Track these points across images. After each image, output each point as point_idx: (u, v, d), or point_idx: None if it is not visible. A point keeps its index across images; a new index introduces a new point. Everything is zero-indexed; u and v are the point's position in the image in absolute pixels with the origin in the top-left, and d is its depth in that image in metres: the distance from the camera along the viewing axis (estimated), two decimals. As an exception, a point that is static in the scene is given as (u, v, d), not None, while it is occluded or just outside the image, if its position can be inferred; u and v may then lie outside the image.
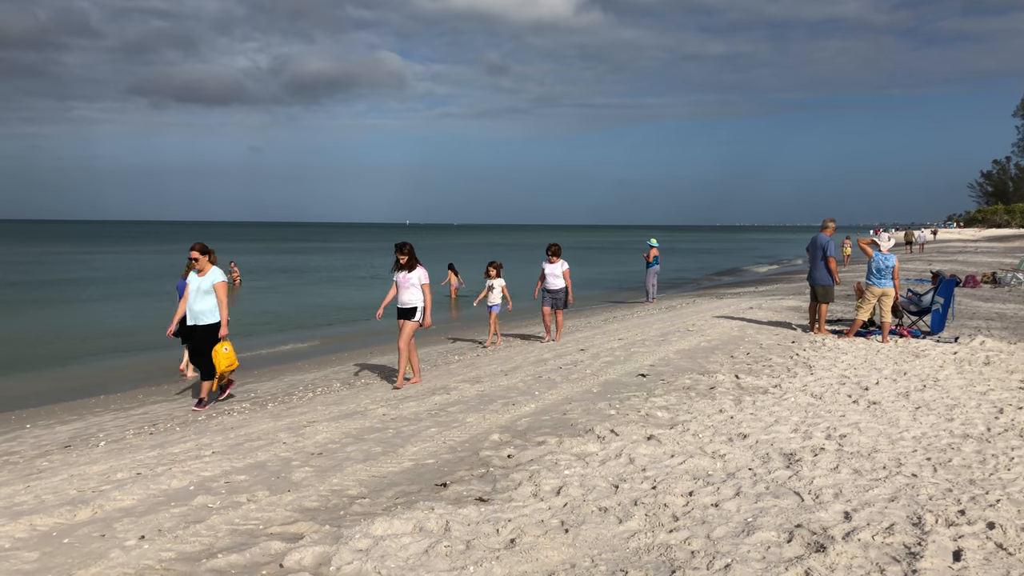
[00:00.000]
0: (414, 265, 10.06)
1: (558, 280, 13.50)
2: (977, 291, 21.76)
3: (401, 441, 7.03)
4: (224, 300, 9.49)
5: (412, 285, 10.02)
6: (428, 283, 10.05)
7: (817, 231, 14.01)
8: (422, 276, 10.05)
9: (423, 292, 10.02)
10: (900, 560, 4.21)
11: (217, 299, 9.46)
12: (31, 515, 5.20)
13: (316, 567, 4.28)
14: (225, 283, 9.55)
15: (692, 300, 23.03)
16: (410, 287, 10.03)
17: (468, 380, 10.14)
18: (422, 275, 10.05)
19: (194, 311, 9.49)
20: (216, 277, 9.47)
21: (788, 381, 9.34)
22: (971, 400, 8.17)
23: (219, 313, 9.47)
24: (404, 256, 10.05)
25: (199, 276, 9.49)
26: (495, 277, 14.24)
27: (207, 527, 4.91)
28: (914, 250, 51.92)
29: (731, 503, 5.13)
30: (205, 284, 9.46)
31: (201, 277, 9.49)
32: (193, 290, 9.47)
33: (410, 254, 10.08)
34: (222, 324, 9.48)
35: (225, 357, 9.45)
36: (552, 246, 13.73)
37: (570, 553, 4.40)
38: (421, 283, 10.01)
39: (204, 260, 9.47)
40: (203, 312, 9.46)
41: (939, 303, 13.33)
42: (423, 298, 10.02)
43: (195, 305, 9.47)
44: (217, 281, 9.47)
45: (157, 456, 6.88)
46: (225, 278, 9.59)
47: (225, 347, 9.47)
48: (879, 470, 5.83)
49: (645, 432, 7.00)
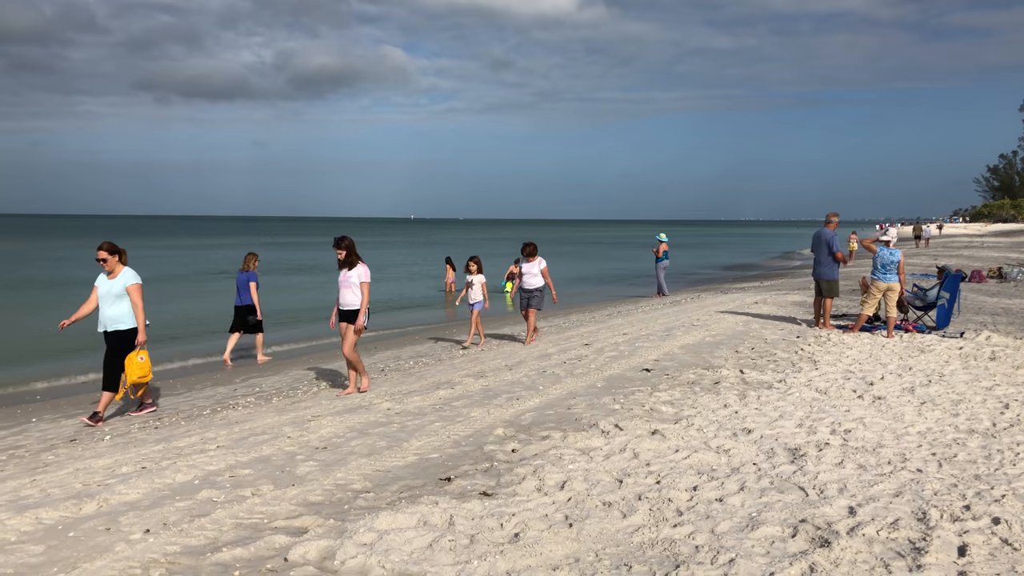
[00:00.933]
0: (354, 262, 9.19)
1: (536, 279, 13.24)
2: (983, 286, 21.68)
3: (405, 435, 7.04)
4: (140, 304, 8.63)
5: (352, 284, 9.20)
6: (368, 282, 9.22)
7: (821, 226, 13.99)
8: (362, 274, 9.19)
9: (362, 292, 9.18)
10: (905, 555, 4.21)
11: (132, 303, 8.60)
12: (37, 508, 5.22)
13: (320, 561, 4.29)
14: (140, 285, 8.69)
15: (697, 295, 23.00)
16: (350, 286, 9.21)
17: (472, 375, 10.14)
18: (362, 273, 9.19)
19: (106, 317, 8.59)
20: (129, 279, 8.62)
21: (793, 376, 9.33)
22: (976, 395, 8.15)
23: (135, 318, 8.61)
24: (342, 252, 9.16)
25: (109, 279, 8.62)
26: (475, 273, 13.62)
27: (212, 521, 4.93)
28: (921, 244, 51.77)
29: (735, 498, 5.13)
30: (117, 287, 8.58)
31: (112, 280, 8.60)
32: (103, 294, 8.59)
33: (349, 249, 9.17)
34: (139, 330, 8.62)
35: (139, 367, 8.56)
36: (527, 246, 13.36)
37: (574, 547, 4.40)
38: (360, 281, 9.19)
39: (114, 261, 8.64)
40: (116, 318, 8.57)
41: (945, 298, 13.29)
42: (368, 298, 9.23)
43: (107, 310, 8.57)
44: (130, 283, 8.61)
45: (162, 450, 6.91)
46: (139, 279, 8.74)
47: (140, 356, 8.61)
48: (884, 465, 5.82)
49: (649, 427, 7.00)
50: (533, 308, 13.26)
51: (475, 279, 13.58)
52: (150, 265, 42.23)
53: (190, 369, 13.23)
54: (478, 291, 13.54)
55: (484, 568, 4.12)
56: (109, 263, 8.63)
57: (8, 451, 7.65)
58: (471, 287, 13.56)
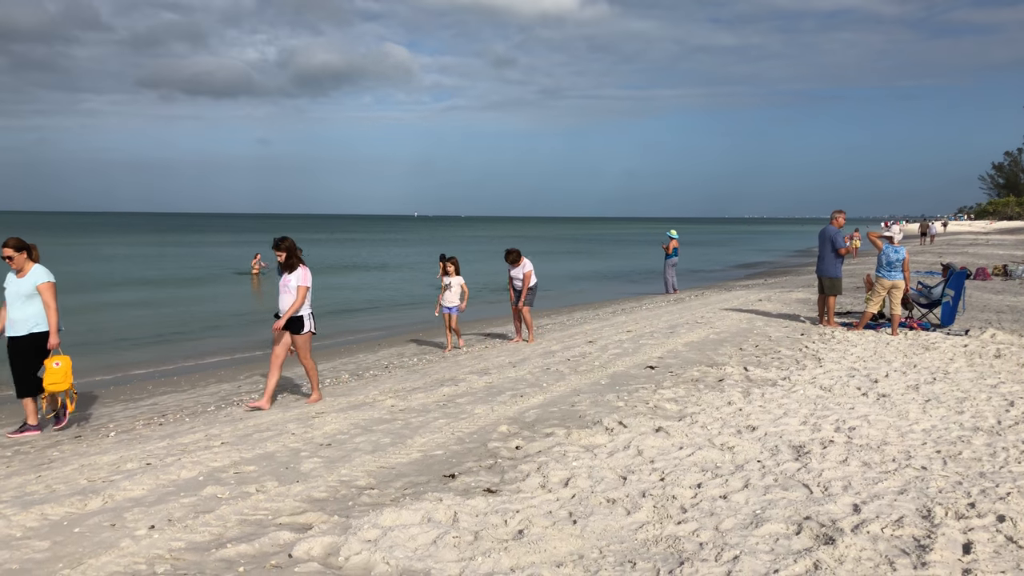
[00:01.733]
0: (295, 264, 8.57)
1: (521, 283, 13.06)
2: (988, 284, 21.64)
3: (409, 432, 7.04)
4: (53, 304, 7.98)
5: (291, 289, 8.55)
6: (307, 286, 8.57)
7: (826, 223, 13.97)
8: (301, 277, 8.56)
9: (297, 295, 8.48)
10: (909, 553, 4.20)
11: (44, 303, 7.96)
12: (42, 504, 5.23)
13: (325, 557, 4.29)
14: (52, 284, 8.02)
15: (701, 292, 22.98)
16: (290, 291, 8.56)
17: (476, 372, 10.14)
18: (301, 276, 8.56)
19: (13, 319, 7.93)
20: (40, 277, 7.96)
21: (797, 373, 9.31)
22: (981, 393, 8.13)
23: (47, 320, 7.98)
24: (282, 254, 8.53)
25: (18, 277, 7.97)
26: (453, 274, 12.84)
27: (217, 517, 4.94)
28: (926, 242, 51.70)
29: (740, 495, 5.12)
30: (26, 287, 7.93)
31: (20, 278, 7.96)
32: (11, 294, 7.95)
33: (289, 252, 8.53)
34: (52, 332, 7.98)
35: (52, 374, 7.91)
36: (510, 253, 13.06)
37: (578, 544, 4.40)
38: (298, 285, 8.51)
39: (22, 258, 7.97)
40: (24, 320, 7.92)
41: (949, 296, 13.27)
42: (302, 303, 8.53)
43: (14, 312, 7.92)
44: (41, 282, 7.94)
45: (167, 447, 6.92)
46: (51, 277, 8.06)
47: (57, 361, 7.98)
48: (888, 463, 5.81)
49: (653, 424, 7.00)
50: (526, 307, 13.11)
51: (453, 280, 12.86)
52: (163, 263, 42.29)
53: (193, 367, 13.25)
54: (455, 294, 12.82)
55: (488, 565, 4.13)
56: (16, 260, 7.96)
57: (13, 447, 7.67)
58: (448, 289, 12.86)
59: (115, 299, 24.13)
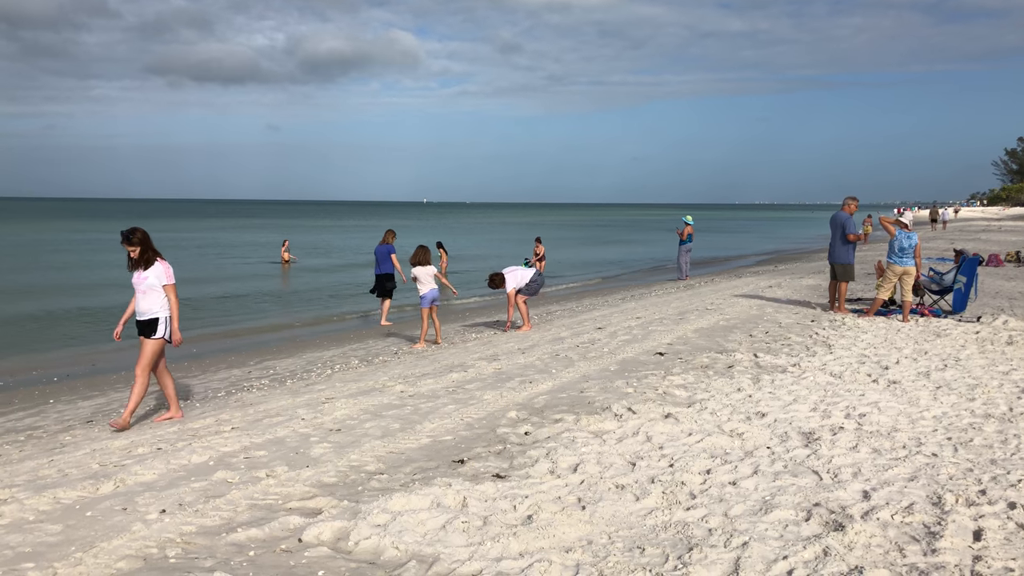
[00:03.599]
0: (151, 260, 7.32)
1: None
2: (1000, 270, 21.49)
3: (419, 418, 7.06)
4: None
5: (150, 288, 7.33)
6: (173, 284, 7.41)
7: (837, 209, 13.87)
8: (162, 275, 7.34)
9: (168, 297, 7.37)
10: (919, 539, 4.19)
11: None
12: (55, 488, 5.27)
13: (335, 542, 4.32)
14: None
15: (711, 279, 22.92)
16: (147, 291, 7.33)
17: (485, 358, 10.15)
18: (162, 273, 7.34)
19: None
20: None
21: (807, 360, 9.28)
22: (993, 380, 8.08)
23: None
24: (134, 249, 7.24)
25: None
26: (421, 264, 12.04)
27: (227, 502, 4.96)
28: (937, 228, 51.36)
29: (749, 481, 5.12)
30: None
31: None
32: None
33: (143, 244, 7.26)
34: None
35: None
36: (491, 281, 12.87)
37: (587, 530, 4.41)
38: (162, 284, 7.36)
39: None
40: None
41: (961, 282, 13.18)
42: (166, 306, 7.37)
43: None
44: None
45: (177, 431, 6.96)
46: None
47: None
48: (899, 449, 5.79)
49: (663, 410, 6.99)
50: (524, 295, 13.04)
51: (418, 272, 12.07)
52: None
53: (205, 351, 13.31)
54: (427, 284, 12.04)
55: (497, 549, 4.14)
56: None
57: (27, 432, 7.74)
58: (417, 281, 12.10)
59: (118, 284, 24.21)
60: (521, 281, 12.88)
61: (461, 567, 3.97)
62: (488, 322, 14.88)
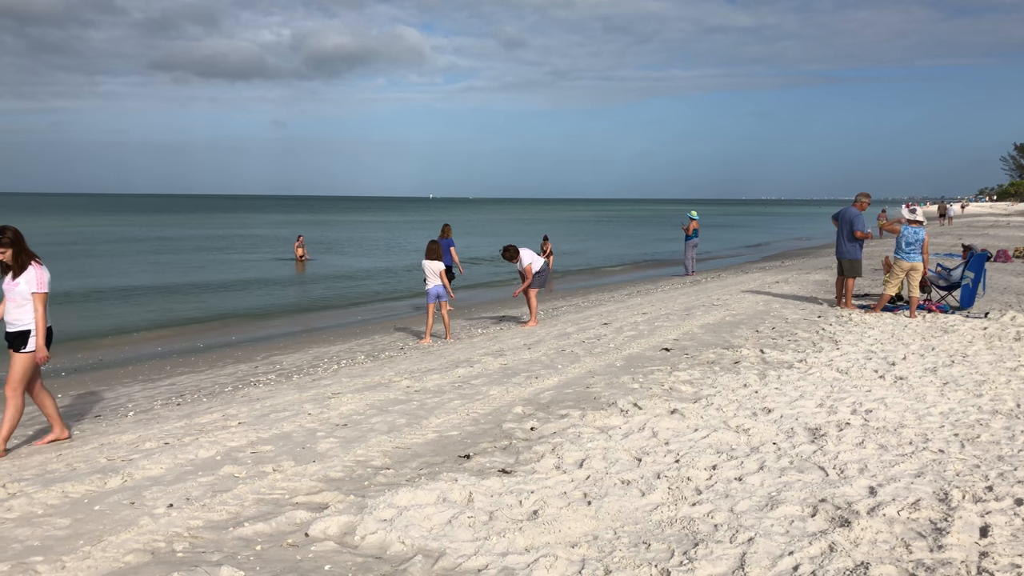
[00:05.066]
0: (24, 263, 6.47)
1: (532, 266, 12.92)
2: (1008, 266, 21.39)
3: (425, 413, 7.07)
4: None
5: (21, 296, 6.46)
6: (43, 292, 6.48)
7: (845, 204, 13.79)
8: (32, 281, 6.46)
9: (35, 307, 6.45)
10: (926, 536, 4.18)
11: None
12: (63, 482, 5.30)
13: (341, 536, 4.33)
14: None
15: (717, 274, 22.88)
16: (16, 298, 6.48)
17: (491, 353, 10.15)
18: (32, 279, 6.46)
19: None
20: None
21: (814, 356, 9.26)
22: (1000, 376, 8.05)
23: None
24: (6, 250, 6.38)
25: None
26: (433, 260, 12.08)
27: (234, 496, 4.98)
28: (944, 223, 51.15)
29: (755, 477, 5.11)
30: None
31: None
32: None
33: (15, 246, 6.42)
34: None
35: None
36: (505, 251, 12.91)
37: (593, 525, 4.41)
38: (32, 292, 6.45)
39: None
40: None
41: (969, 278, 13.13)
42: (44, 316, 6.51)
43: None
44: None
45: (184, 426, 6.98)
46: None
47: None
48: (905, 445, 5.77)
49: (669, 406, 6.98)
50: (534, 288, 12.99)
51: (427, 266, 12.12)
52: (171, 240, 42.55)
53: (212, 346, 13.35)
54: (433, 280, 12.11)
55: (503, 544, 4.15)
56: None
57: (36, 427, 7.77)
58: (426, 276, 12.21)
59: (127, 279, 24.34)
60: (535, 260, 12.92)
61: (467, 562, 3.98)
62: (494, 317, 14.89)
